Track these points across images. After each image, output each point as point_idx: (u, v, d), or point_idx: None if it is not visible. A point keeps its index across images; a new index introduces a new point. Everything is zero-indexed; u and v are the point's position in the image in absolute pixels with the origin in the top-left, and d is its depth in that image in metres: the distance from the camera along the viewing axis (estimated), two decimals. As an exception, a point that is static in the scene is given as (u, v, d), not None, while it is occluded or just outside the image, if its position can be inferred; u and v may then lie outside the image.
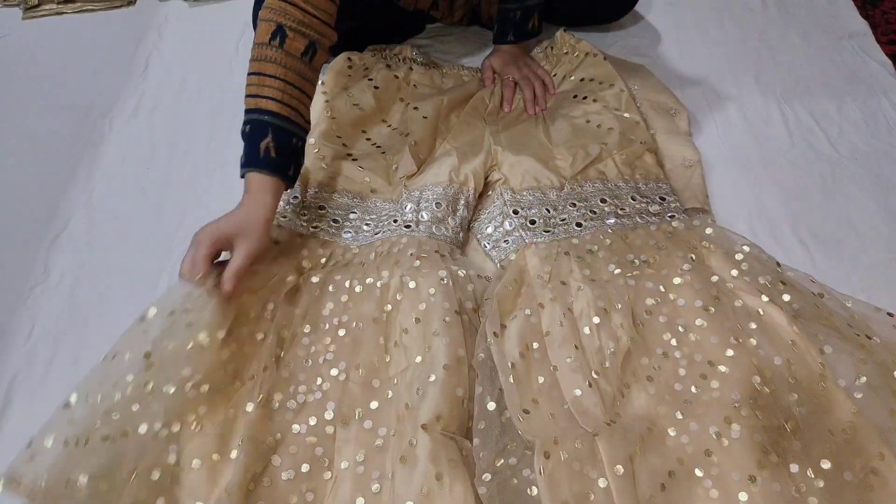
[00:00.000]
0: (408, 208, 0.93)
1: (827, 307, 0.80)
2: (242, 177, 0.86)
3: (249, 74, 0.88)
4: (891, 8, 1.31)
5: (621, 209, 0.93)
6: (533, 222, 0.92)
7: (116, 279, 0.95)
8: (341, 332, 0.81)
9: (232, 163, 1.09)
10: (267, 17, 0.87)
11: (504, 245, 0.91)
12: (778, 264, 0.84)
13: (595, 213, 0.92)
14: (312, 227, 0.93)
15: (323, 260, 0.90)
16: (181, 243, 0.99)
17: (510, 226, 0.92)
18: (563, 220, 0.92)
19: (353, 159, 1.01)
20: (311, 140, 1.01)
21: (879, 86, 1.14)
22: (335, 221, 0.95)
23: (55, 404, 0.82)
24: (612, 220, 0.91)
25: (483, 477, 0.67)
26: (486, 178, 0.98)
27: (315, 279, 0.86)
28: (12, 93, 1.28)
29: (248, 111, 0.87)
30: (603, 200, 0.94)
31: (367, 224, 0.95)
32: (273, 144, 0.84)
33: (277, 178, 0.85)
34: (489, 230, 0.94)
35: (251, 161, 0.85)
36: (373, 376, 0.77)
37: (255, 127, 0.85)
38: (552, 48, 1.20)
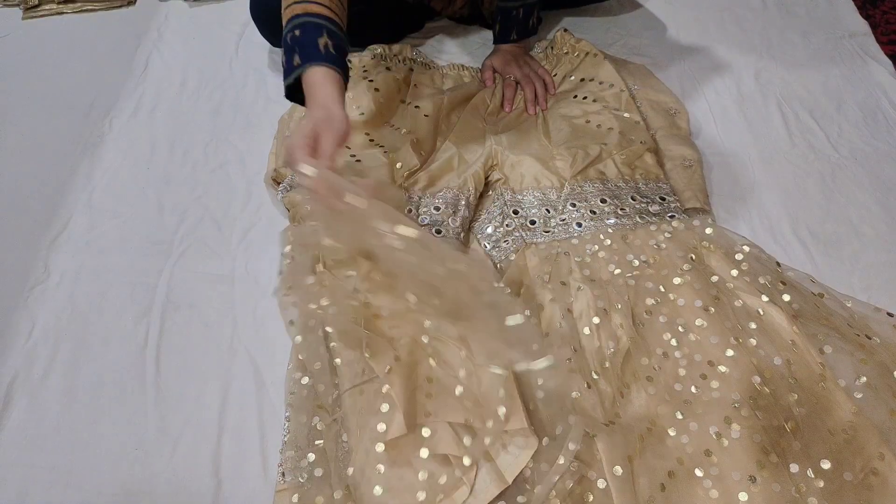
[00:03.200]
0: (407, 210, 0.93)
1: (827, 307, 0.80)
2: (292, 84, 0.85)
3: None
4: (891, 8, 1.31)
5: (621, 209, 0.93)
6: (533, 222, 0.92)
7: (116, 279, 0.95)
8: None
9: (232, 162, 1.11)
10: None
11: (504, 245, 0.91)
12: (778, 264, 0.84)
13: (595, 213, 0.92)
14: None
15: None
16: (181, 243, 0.99)
17: (510, 226, 0.92)
18: (562, 220, 0.92)
19: (357, 160, 1.01)
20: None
21: (879, 86, 1.14)
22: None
23: (55, 404, 0.83)
24: (612, 220, 0.91)
25: None
26: (486, 179, 0.98)
27: None
28: (12, 93, 1.27)
29: (294, 17, 0.85)
30: (603, 200, 0.94)
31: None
32: (330, 42, 0.84)
33: (340, 73, 0.83)
34: (489, 230, 0.94)
35: (310, 57, 0.83)
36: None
37: (309, 28, 0.84)
38: (552, 48, 1.20)
